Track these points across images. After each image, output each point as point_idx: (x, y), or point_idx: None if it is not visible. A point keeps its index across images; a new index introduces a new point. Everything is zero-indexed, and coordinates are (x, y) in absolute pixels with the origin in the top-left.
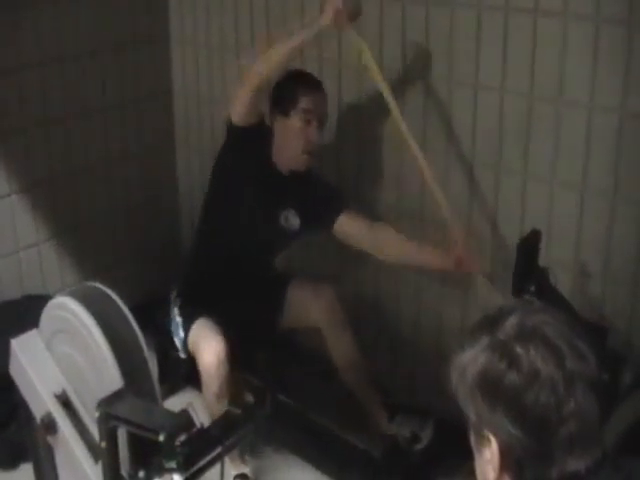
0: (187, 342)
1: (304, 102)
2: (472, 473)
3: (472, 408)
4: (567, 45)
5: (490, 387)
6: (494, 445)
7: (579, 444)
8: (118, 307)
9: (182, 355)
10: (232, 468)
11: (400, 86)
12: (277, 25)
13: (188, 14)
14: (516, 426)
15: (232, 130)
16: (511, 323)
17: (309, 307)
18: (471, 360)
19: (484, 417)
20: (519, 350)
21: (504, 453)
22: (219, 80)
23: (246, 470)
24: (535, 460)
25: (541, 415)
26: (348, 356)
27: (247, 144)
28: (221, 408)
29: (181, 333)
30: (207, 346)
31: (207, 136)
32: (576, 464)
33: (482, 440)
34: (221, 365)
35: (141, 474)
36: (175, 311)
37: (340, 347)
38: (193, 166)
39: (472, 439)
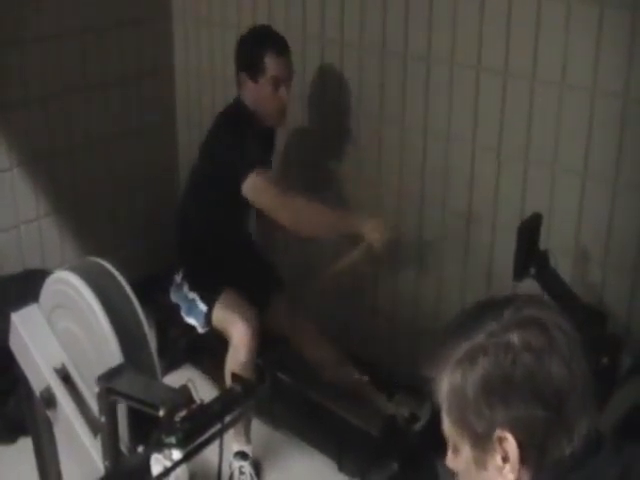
0: (211, 315)
1: (272, 69)
2: None
3: (477, 418)
4: (570, 28)
5: (499, 385)
6: (512, 442)
7: (586, 404)
8: (118, 283)
9: (201, 330)
10: (235, 445)
11: (402, 71)
12: (279, 2)
13: None
14: (535, 407)
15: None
16: (489, 322)
17: (288, 330)
18: (466, 371)
19: (496, 417)
20: (516, 337)
21: (523, 444)
22: (220, 57)
23: (248, 448)
24: (557, 434)
25: (556, 386)
26: (328, 367)
27: None
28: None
29: (202, 307)
30: (241, 316)
31: (208, 113)
32: (587, 425)
33: (489, 450)
34: (255, 335)
35: (140, 449)
36: (185, 289)
37: (320, 364)
38: (194, 143)
39: (468, 458)
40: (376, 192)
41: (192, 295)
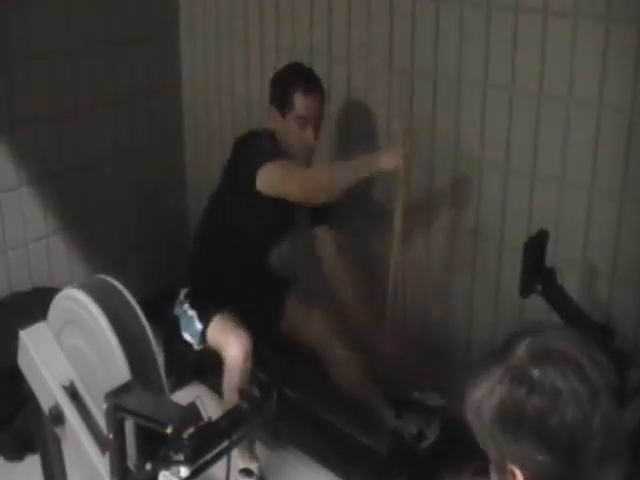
0: (206, 334)
1: (299, 109)
2: (478, 473)
3: (492, 444)
4: (577, 44)
5: (512, 417)
6: (520, 479)
7: (609, 457)
8: (126, 300)
9: (197, 347)
10: (240, 462)
11: (408, 88)
12: (285, 15)
13: (197, 5)
14: (544, 452)
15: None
16: (522, 348)
17: (301, 331)
18: (485, 395)
19: (508, 450)
20: (536, 372)
21: None
22: (228, 71)
23: (254, 465)
24: None
25: (569, 434)
26: (345, 373)
27: None
28: None
29: (198, 325)
30: (235, 339)
31: (215, 128)
32: (608, 478)
33: (506, 476)
34: (248, 358)
35: (148, 466)
36: (186, 305)
37: (336, 366)
38: (201, 159)
39: (493, 477)
40: (383, 210)
41: (191, 312)
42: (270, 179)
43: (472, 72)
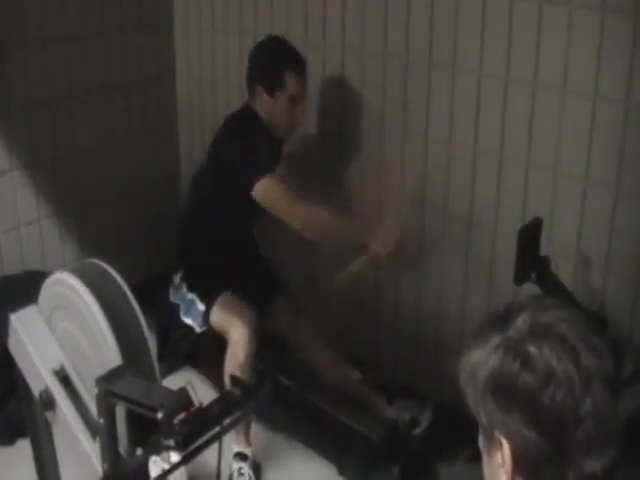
0: (209, 315)
1: (292, 88)
2: (471, 459)
3: (483, 411)
4: (572, 34)
5: (503, 389)
6: (506, 449)
7: (596, 444)
8: (118, 284)
9: (199, 330)
10: (235, 446)
11: (403, 75)
12: (280, 8)
13: None
14: (531, 428)
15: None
16: (523, 321)
17: (288, 331)
18: (481, 360)
19: (496, 420)
20: (533, 349)
21: (517, 457)
22: (222, 63)
23: (248, 450)
24: (551, 462)
25: (557, 416)
26: (328, 370)
27: None
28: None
29: (200, 307)
30: (240, 319)
31: (209, 119)
32: (593, 465)
33: (493, 444)
34: (253, 338)
35: (139, 452)
36: (184, 290)
37: (320, 365)
38: (195, 148)
39: (481, 442)
40: (378, 197)
41: (191, 295)
42: (271, 199)
43: (467, 60)
